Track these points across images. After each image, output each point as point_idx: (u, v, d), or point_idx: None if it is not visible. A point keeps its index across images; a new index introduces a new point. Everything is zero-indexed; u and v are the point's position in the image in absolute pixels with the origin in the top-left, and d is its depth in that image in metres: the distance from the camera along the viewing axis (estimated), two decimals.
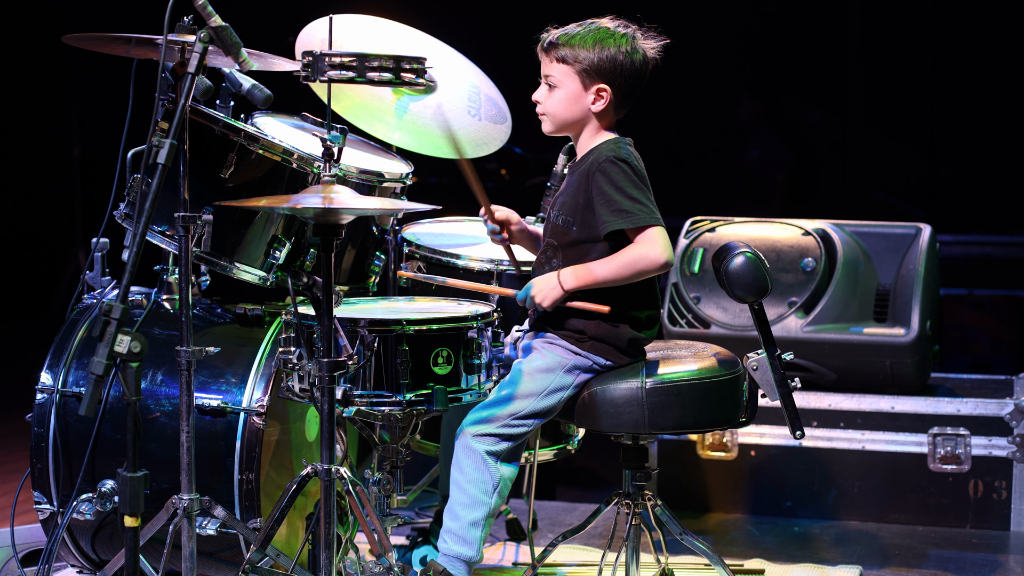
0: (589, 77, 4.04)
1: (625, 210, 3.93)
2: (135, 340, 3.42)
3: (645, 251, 3.93)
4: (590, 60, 4.02)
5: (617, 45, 4.03)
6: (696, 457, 5.79)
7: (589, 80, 4.05)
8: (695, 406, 4.05)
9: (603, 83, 4.05)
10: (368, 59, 3.92)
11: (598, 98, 4.06)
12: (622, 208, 3.93)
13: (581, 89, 4.06)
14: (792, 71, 8.72)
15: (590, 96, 4.06)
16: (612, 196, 3.94)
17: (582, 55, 4.03)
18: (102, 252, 4.67)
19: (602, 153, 4.03)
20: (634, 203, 3.94)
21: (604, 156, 4.01)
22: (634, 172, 3.99)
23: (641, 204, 3.94)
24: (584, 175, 4.03)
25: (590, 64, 4.02)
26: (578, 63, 4.04)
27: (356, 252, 4.55)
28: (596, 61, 4.02)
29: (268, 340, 4.37)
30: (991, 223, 8.60)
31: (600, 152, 4.04)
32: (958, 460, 5.56)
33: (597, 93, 4.06)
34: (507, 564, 5.02)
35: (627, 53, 4.04)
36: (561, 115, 4.10)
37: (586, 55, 4.02)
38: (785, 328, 5.68)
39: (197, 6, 3.77)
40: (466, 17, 8.14)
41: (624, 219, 3.93)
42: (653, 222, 3.93)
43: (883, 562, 5.17)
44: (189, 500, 3.89)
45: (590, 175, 4.00)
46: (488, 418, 4.00)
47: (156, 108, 4.03)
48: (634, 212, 3.93)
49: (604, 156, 4.01)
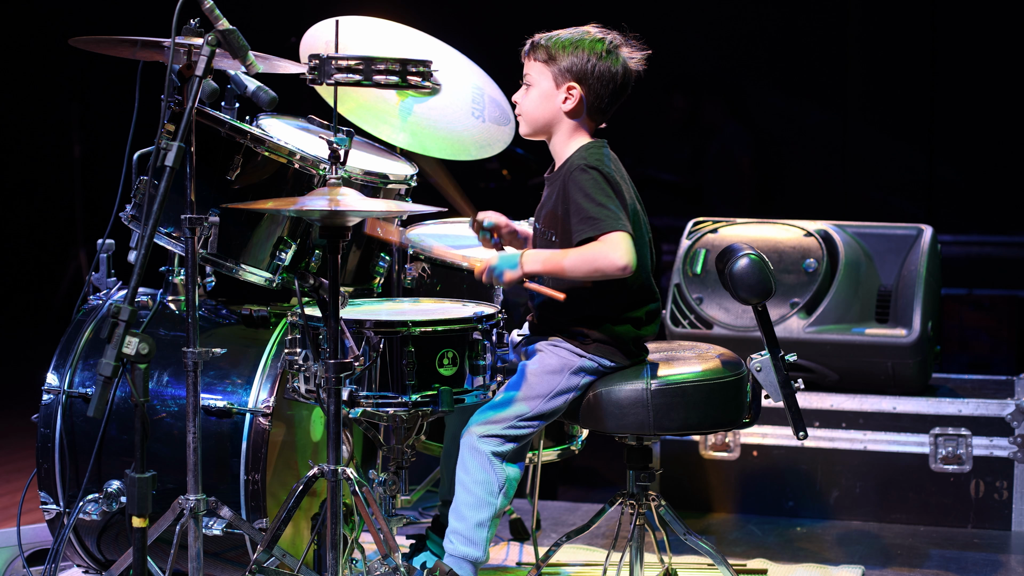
0: (562, 76, 4.08)
1: (592, 217, 3.93)
2: (143, 342, 3.44)
3: (606, 251, 3.91)
4: (564, 59, 4.06)
5: (592, 48, 4.07)
6: (699, 457, 5.80)
7: (561, 78, 4.08)
8: (700, 407, 4.06)
9: (574, 82, 4.07)
10: (374, 62, 3.93)
11: (568, 96, 4.08)
12: (590, 215, 3.94)
13: (553, 87, 4.10)
14: (791, 70, 8.73)
15: (561, 94, 4.09)
16: (581, 204, 3.96)
17: (557, 54, 4.07)
18: (108, 253, 4.68)
19: (574, 162, 4.05)
20: (601, 209, 3.94)
21: (576, 165, 4.03)
22: (604, 178, 3.99)
23: (608, 210, 3.94)
24: (561, 185, 4.05)
25: (564, 63, 4.06)
26: (552, 62, 4.08)
27: (361, 253, 4.55)
28: (569, 61, 4.06)
29: (274, 341, 4.38)
30: (991, 223, 8.62)
31: (573, 161, 4.07)
32: (959, 460, 5.57)
33: (568, 91, 4.08)
34: (511, 564, 5.03)
35: (601, 56, 4.06)
36: (534, 114, 4.14)
37: (560, 54, 4.07)
38: (787, 329, 5.70)
39: (204, 9, 3.78)
40: (468, 18, 8.15)
41: (591, 226, 3.93)
42: (619, 227, 3.92)
43: (885, 562, 5.19)
44: (195, 501, 3.90)
45: (565, 185, 4.03)
46: (494, 419, 4.01)
47: (163, 111, 4.04)
48: (601, 219, 3.93)
49: (576, 165, 4.03)
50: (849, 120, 8.77)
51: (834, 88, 8.71)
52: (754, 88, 8.96)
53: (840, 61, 8.72)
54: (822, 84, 8.72)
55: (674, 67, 4.11)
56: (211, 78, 4.40)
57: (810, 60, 8.71)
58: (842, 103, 8.77)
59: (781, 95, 8.91)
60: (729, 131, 8.99)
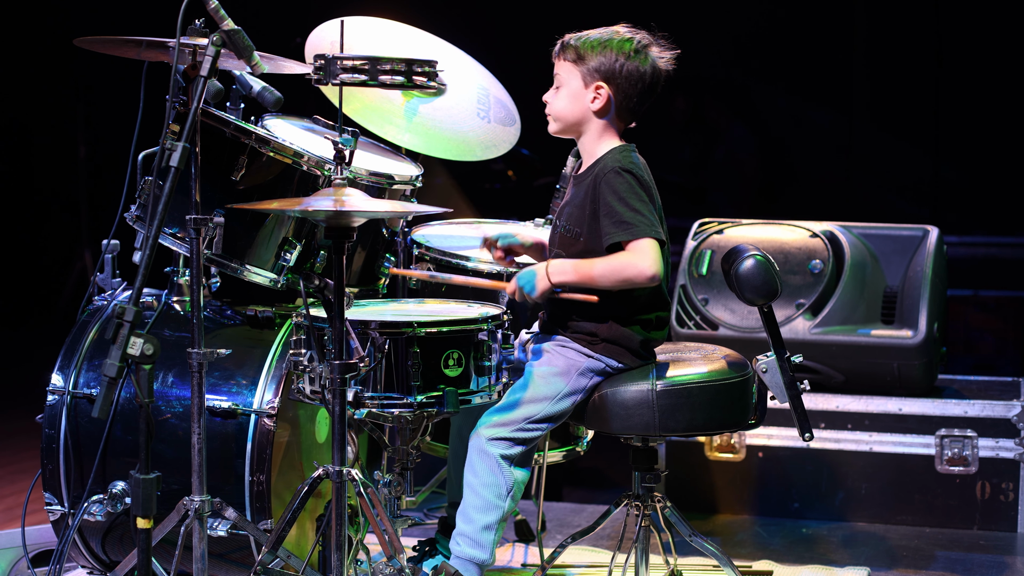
0: (591, 75, 4.08)
1: (626, 222, 3.94)
2: (148, 342, 3.43)
3: (634, 260, 3.93)
4: (592, 59, 4.07)
5: (620, 47, 4.07)
6: (704, 458, 5.79)
7: (590, 78, 4.08)
8: (705, 408, 4.06)
9: (602, 82, 4.07)
10: (380, 62, 3.93)
11: (597, 96, 4.08)
12: (623, 220, 3.94)
13: (582, 87, 4.10)
14: (797, 72, 8.72)
15: (590, 94, 4.09)
16: (615, 207, 3.96)
17: (586, 54, 4.07)
18: (112, 254, 4.67)
19: (608, 163, 4.05)
20: (636, 215, 3.95)
21: (610, 167, 4.03)
22: (639, 183, 4.01)
23: (643, 216, 3.96)
24: (591, 185, 4.05)
25: (593, 63, 4.06)
26: (581, 61, 4.08)
27: (366, 254, 4.55)
28: (597, 60, 4.06)
29: (279, 342, 4.38)
30: (996, 224, 8.61)
31: (606, 162, 4.06)
32: (965, 462, 5.56)
33: (596, 91, 4.08)
34: (516, 565, 5.03)
35: (630, 56, 4.06)
36: (563, 113, 4.13)
37: (589, 54, 4.07)
38: (793, 330, 5.69)
39: (210, 9, 3.78)
40: (474, 19, 8.14)
41: (624, 231, 3.94)
42: (651, 235, 3.94)
43: (891, 563, 5.18)
44: (200, 502, 3.89)
45: (596, 185, 4.02)
46: (502, 421, 4.01)
47: (168, 111, 4.03)
48: (634, 224, 3.94)
49: (610, 167, 4.03)
50: (855, 121, 8.76)
51: (840, 89, 8.70)
52: (760, 89, 8.95)
53: (846, 62, 8.70)
54: (828, 85, 8.71)
55: (679, 68, 4.10)
56: (216, 78, 4.40)
57: (816, 61, 8.70)
58: (848, 104, 8.76)
59: (786, 96, 8.90)
60: (734, 132, 8.99)
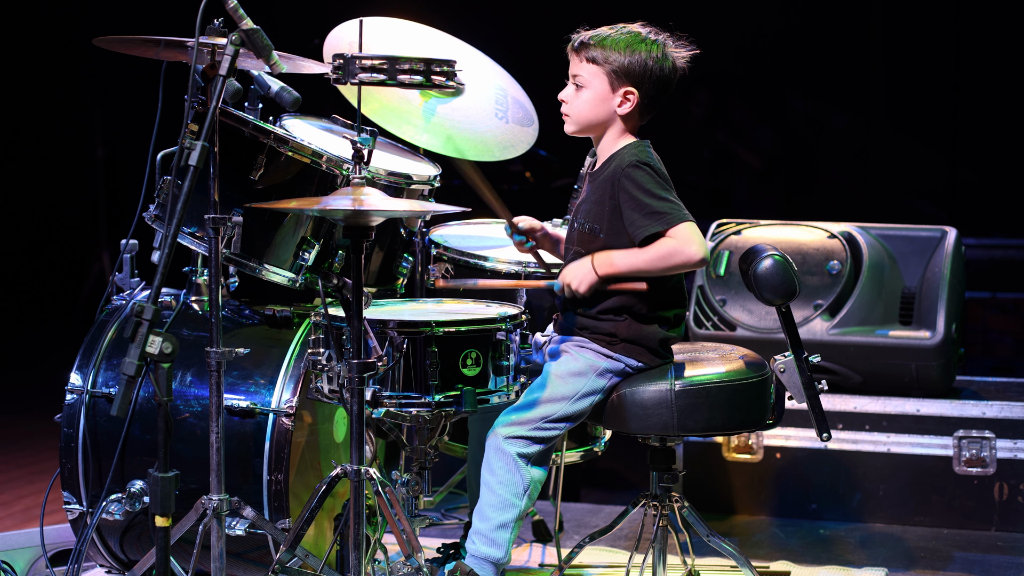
0: (618, 79, 4.05)
1: (657, 211, 3.93)
2: (167, 341, 3.43)
3: (681, 246, 3.92)
4: (620, 63, 4.03)
5: (648, 50, 4.04)
6: (721, 459, 5.78)
7: (618, 82, 4.06)
8: (724, 408, 4.05)
9: (631, 86, 4.06)
10: (399, 62, 3.93)
11: (624, 101, 4.07)
12: (654, 210, 3.93)
13: (609, 91, 4.07)
14: (815, 74, 8.72)
15: (617, 98, 4.07)
16: (642, 200, 3.95)
17: (613, 57, 4.03)
18: (131, 254, 4.68)
19: (624, 159, 4.04)
20: (663, 203, 3.95)
21: (627, 161, 4.02)
22: (658, 174, 4.00)
23: (671, 203, 3.96)
24: (608, 181, 4.04)
25: (620, 66, 4.03)
26: (608, 64, 4.05)
27: (384, 254, 4.55)
28: (626, 64, 4.03)
29: (297, 341, 4.38)
30: (1014, 226, 8.60)
31: (623, 158, 4.05)
32: (983, 463, 5.55)
33: (624, 96, 4.06)
34: (533, 565, 5.03)
35: (657, 59, 4.05)
36: (586, 116, 4.11)
37: (617, 57, 4.03)
38: (811, 331, 5.68)
39: (228, 9, 3.78)
40: (492, 19, 8.15)
41: (658, 221, 3.93)
42: (685, 218, 3.94)
43: (908, 565, 5.17)
44: (218, 501, 3.89)
45: (615, 181, 4.01)
46: (519, 420, 4.00)
47: (187, 110, 4.03)
48: (666, 212, 3.94)
49: (627, 161, 4.02)
50: (872, 123, 8.76)
51: (858, 91, 8.70)
52: (778, 91, 8.95)
53: (864, 64, 8.70)
54: (846, 87, 8.71)
55: (697, 69, 4.09)
56: (235, 78, 4.42)
57: (834, 64, 8.70)
58: (865, 106, 8.76)
59: (805, 98, 8.90)
60: (753, 134, 8.99)
